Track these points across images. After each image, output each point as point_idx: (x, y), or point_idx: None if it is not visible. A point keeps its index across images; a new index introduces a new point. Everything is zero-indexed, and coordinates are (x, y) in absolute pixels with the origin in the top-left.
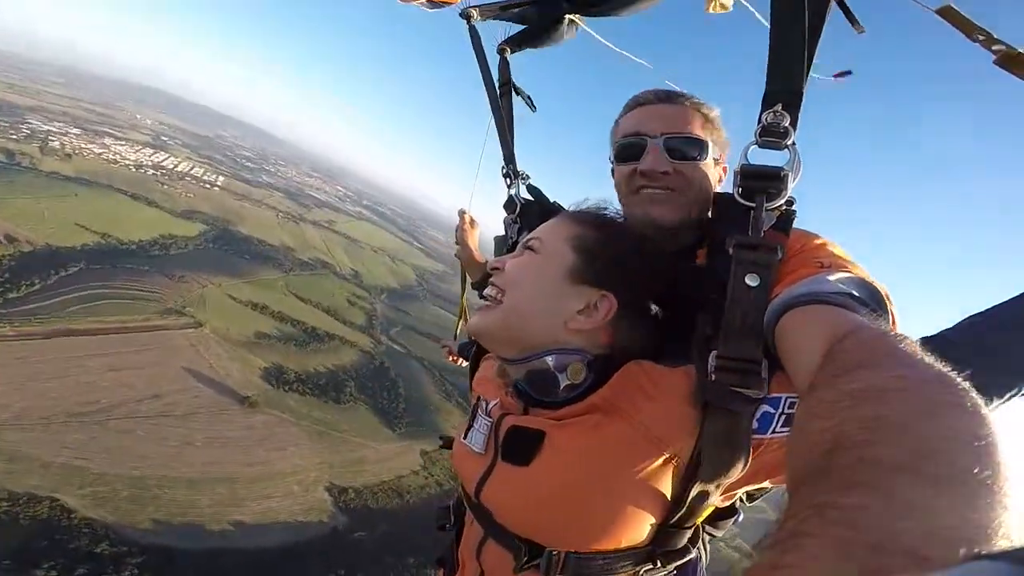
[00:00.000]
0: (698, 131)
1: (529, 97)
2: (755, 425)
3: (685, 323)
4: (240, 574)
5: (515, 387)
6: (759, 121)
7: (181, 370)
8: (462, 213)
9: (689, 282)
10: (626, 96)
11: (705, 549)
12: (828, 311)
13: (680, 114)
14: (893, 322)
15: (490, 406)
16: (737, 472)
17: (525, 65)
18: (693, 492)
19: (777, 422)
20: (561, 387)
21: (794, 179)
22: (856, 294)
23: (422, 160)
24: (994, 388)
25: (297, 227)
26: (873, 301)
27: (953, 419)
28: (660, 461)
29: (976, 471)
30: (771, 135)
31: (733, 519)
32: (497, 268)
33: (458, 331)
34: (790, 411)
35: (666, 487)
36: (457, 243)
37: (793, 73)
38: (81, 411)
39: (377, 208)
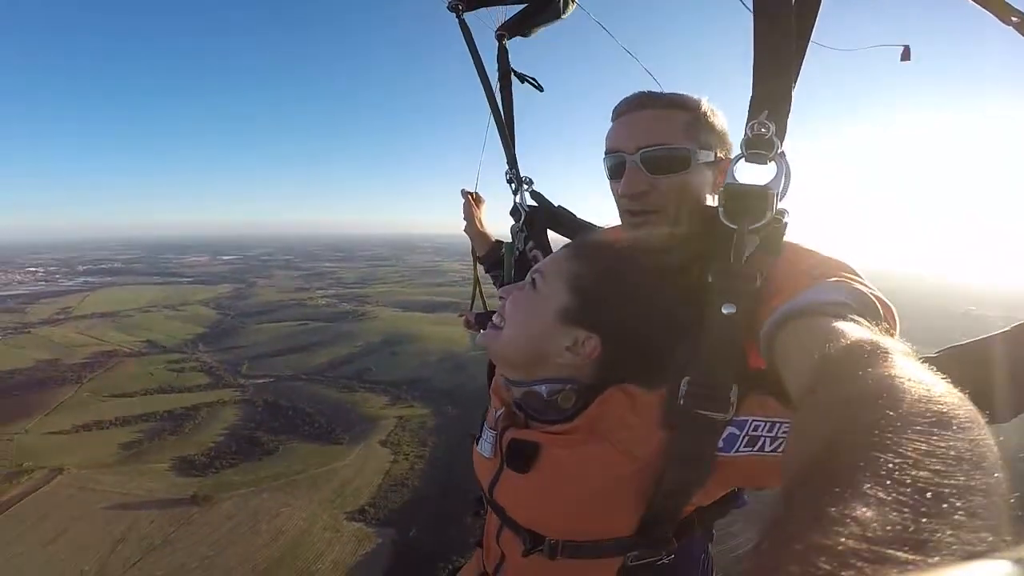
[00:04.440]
0: (678, 138)
1: (534, 79)
2: (720, 444)
3: (671, 342)
4: None
5: (515, 404)
6: (745, 132)
7: (105, 511)
8: (465, 193)
9: (681, 301)
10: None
11: (709, 534)
12: (821, 321)
13: (656, 121)
14: (893, 326)
15: (497, 415)
16: (698, 485)
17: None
18: (664, 498)
19: (741, 442)
20: (552, 410)
21: (782, 193)
22: (850, 303)
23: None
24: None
25: (32, 337)
26: (866, 308)
27: (947, 424)
28: (635, 473)
29: (968, 478)
30: (757, 147)
31: (736, 502)
32: (503, 297)
33: (474, 301)
34: (754, 433)
35: (641, 493)
36: (465, 219)
37: (780, 76)
38: None
39: (101, 267)
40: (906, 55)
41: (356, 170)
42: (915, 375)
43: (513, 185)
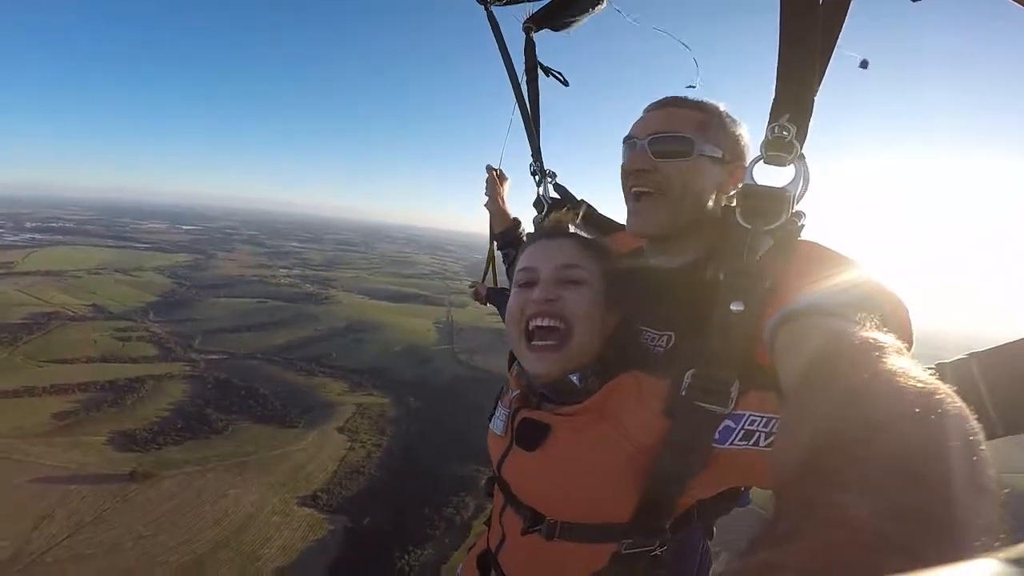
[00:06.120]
0: (687, 130)
1: (560, 73)
2: (715, 436)
3: (683, 335)
4: None
5: (533, 390)
6: (765, 134)
7: (31, 484)
8: (489, 168)
9: (689, 297)
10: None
11: (709, 530)
12: (817, 321)
13: (671, 115)
14: (902, 325)
15: (511, 396)
16: (691, 475)
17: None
18: (659, 485)
19: (736, 436)
20: (583, 395)
21: (800, 196)
22: (851, 302)
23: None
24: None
25: None
26: (870, 307)
27: (938, 421)
28: (635, 457)
29: (961, 471)
30: (777, 149)
31: (738, 500)
32: (552, 300)
33: (486, 275)
34: (750, 427)
35: (639, 478)
36: (487, 194)
37: (803, 80)
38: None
39: (51, 225)
40: (864, 64)
41: (331, 151)
42: (906, 371)
43: (537, 177)
